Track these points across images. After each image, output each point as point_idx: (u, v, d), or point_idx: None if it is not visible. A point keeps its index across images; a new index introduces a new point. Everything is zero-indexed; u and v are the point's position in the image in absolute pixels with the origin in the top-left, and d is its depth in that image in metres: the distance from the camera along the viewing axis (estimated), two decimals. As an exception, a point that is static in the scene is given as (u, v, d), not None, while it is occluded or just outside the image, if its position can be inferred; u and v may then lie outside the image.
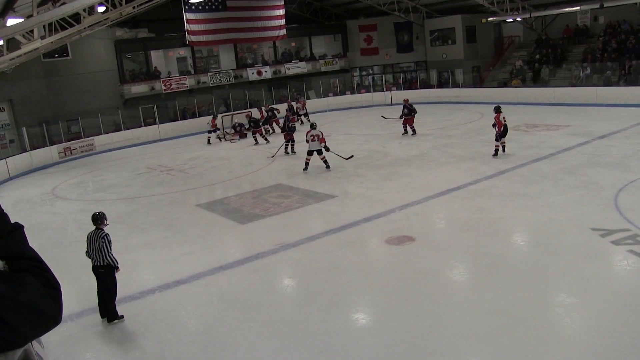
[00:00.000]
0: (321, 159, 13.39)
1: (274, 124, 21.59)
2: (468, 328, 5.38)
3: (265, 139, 19.34)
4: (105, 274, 6.27)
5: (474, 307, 5.80)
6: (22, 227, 1.36)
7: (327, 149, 13.25)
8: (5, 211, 1.35)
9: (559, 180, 10.52)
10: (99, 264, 6.22)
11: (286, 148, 16.26)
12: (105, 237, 6.23)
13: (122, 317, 6.35)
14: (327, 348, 5.27)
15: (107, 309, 6.32)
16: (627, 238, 7.21)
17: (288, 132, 16.28)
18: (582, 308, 5.62)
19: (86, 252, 6.38)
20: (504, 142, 12.98)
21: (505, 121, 12.69)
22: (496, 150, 12.90)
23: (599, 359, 4.75)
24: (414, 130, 17.51)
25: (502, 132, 12.71)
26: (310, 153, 13.37)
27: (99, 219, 6.39)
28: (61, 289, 1.34)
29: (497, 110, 12.70)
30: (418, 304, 6.02)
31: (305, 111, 23.47)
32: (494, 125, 12.83)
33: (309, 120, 21.35)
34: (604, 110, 18.85)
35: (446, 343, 5.17)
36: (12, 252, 1.31)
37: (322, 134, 13.25)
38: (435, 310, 5.85)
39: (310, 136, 13.19)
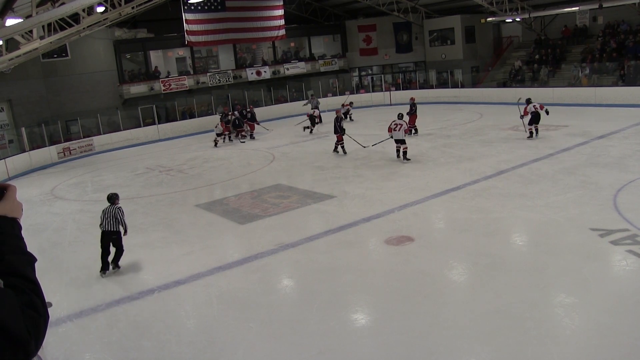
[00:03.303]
0: (402, 149, 13.68)
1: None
2: (467, 328, 5.38)
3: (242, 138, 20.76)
4: (117, 239, 7.84)
5: (473, 307, 5.80)
6: (35, 260, 1.35)
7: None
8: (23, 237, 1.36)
9: (558, 180, 10.53)
10: (112, 229, 7.69)
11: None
12: (120, 208, 7.85)
13: (120, 267, 7.93)
14: (326, 348, 5.28)
15: (115, 260, 7.90)
16: (626, 238, 7.23)
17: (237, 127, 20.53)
18: (581, 308, 5.63)
19: (100, 224, 7.78)
20: (535, 127, 14.75)
21: (535, 109, 14.44)
22: (530, 133, 14.76)
23: (598, 358, 4.75)
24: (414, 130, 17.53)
25: (531, 118, 14.59)
26: (398, 142, 13.74)
27: (113, 197, 7.88)
28: (48, 318, 1.24)
29: (527, 101, 14.77)
30: (417, 304, 6.02)
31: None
32: (521, 117, 14.93)
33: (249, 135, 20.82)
34: (603, 111, 18.88)
35: (445, 343, 5.17)
36: (14, 270, 1.27)
37: (406, 124, 13.94)
38: (434, 310, 5.85)
39: (394, 124, 13.57)
